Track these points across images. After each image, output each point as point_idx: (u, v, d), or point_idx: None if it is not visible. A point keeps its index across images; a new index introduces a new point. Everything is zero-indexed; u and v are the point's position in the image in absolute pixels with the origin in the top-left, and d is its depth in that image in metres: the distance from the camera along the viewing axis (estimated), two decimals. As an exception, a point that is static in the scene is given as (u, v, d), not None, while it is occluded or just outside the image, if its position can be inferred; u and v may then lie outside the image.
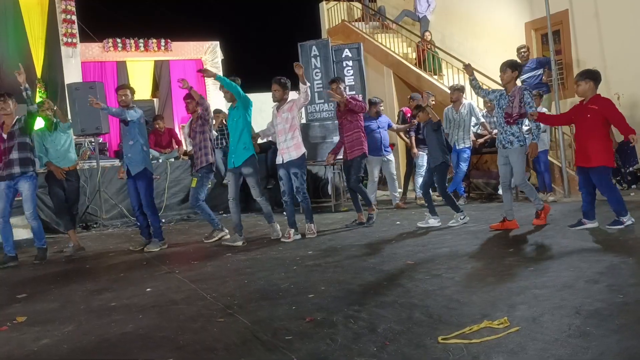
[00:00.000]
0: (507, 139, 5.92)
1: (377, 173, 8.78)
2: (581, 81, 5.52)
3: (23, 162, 6.00)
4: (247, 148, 6.31)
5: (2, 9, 11.65)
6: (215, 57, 13.84)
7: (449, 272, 4.32)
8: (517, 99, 5.81)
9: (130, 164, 6.38)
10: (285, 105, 6.35)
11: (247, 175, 6.35)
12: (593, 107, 5.44)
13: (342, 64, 9.60)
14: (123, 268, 5.58)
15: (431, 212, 6.61)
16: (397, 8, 13.22)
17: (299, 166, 6.33)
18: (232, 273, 4.92)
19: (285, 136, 6.31)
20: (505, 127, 5.92)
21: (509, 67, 5.91)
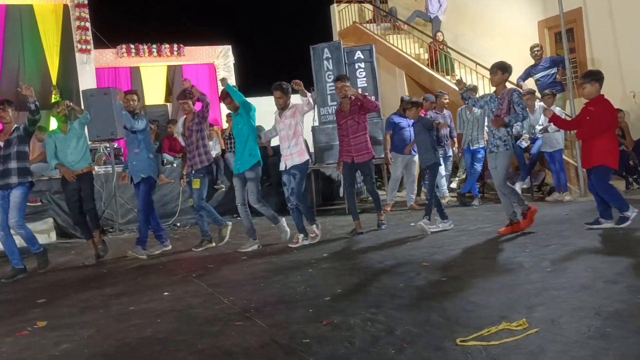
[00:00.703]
0: (495, 142, 5.80)
1: (400, 171, 8.70)
2: (586, 83, 5.48)
3: (21, 172, 5.77)
4: (253, 154, 6.29)
5: (18, 18, 11.82)
6: (228, 60, 13.92)
7: (465, 273, 4.31)
8: (507, 101, 5.69)
9: (134, 172, 6.42)
10: (288, 111, 6.29)
11: (248, 179, 6.31)
12: (591, 108, 5.41)
13: (354, 66, 9.60)
14: (140, 272, 5.63)
15: (441, 216, 6.50)
16: (408, 9, 13.20)
17: (300, 170, 6.24)
18: (249, 277, 4.95)
19: (289, 142, 6.25)
20: (494, 130, 5.79)
21: (499, 69, 5.79)
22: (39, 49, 11.94)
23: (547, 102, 7.98)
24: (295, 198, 6.25)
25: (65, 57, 12.04)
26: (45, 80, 11.95)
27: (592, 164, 5.46)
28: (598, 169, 5.44)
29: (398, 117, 8.49)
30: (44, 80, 11.94)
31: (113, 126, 8.59)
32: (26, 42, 11.86)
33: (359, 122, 6.60)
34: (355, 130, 6.61)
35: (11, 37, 11.76)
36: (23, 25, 11.85)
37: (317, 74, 9.52)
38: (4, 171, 5.74)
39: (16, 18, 11.80)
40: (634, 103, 8.69)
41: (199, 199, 6.57)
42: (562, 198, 7.80)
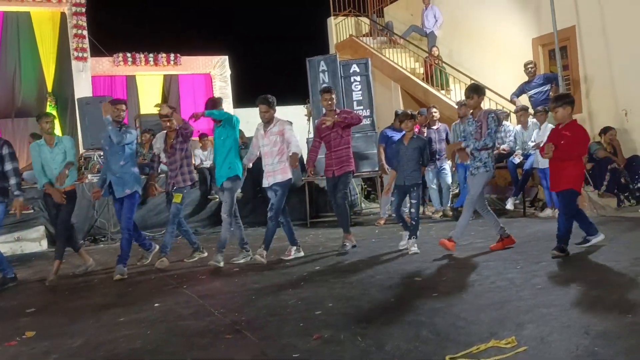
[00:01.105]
0: (475, 165, 5.79)
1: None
2: (558, 107, 5.46)
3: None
4: (232, 168, 6.17)
5: (15, 25, 11.84)
6: (224, 71, 13.97)
7: (456, 289, 4.32)
8: (485, 124, 5.68)
9: (119, 184, 5.97)
10: (274, 127, 6.09)
11: (225, 189, 6.21)
12: (566, 133, 5.42)
13: (350, 79, 9.66)
14: (131, 283, 5.60)
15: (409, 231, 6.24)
16: (404, 23, 13.31)
17: (282, 186, 6.08)
18: (240, 288, 4.94)
19: (273, 159, 6.08)
20: (475, 153, 5.76)
21: (474, 92, 5.80)
22: (35, 56, 11.95)
23: (540, 119, 8.06)
24: (273, 213, 6.08)
25: (62, 65, 12.05)
26: (40, 87, 11.96)
27: (562, 187, 5.43)
28: (567, 193, 5.44)
29: (391, 130, 8.54)
30: (39, 87, 11.95)
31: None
32: (23, 48, 11.87)
33: (343, 135, 6.46)
34: (337, 144, 6.45)
35: (8, 44, 11.78)
36: (20, 32, 11.87)
37: (313, 86, 9.56)
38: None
39: (13, 25, 11.82)
40: (625, 121, 8.76)
41: (177, 212, 6.32)
42: (554, 214, 7.82)
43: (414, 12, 13.37)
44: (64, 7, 11.87)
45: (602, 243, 5.54)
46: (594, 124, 9.26)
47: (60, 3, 11.82)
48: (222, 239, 6.18)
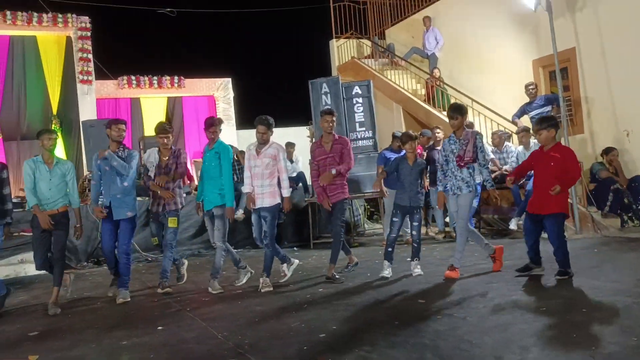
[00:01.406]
0: (457, 184, 5.80)
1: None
2: (542, 130, 5.48)
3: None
4: (222, 195, 6.05)
5: (21, 48, 11.99)
6: (227, 93, 14.09)
7: (460, 311, 4.30)
8: (471, 144, 5.75)
9: (119, 206, 5.80)
10: (268, 150, 5.97)
11: (217, 217, 6.04)
12: (556, 155, 5.42)
13: (352, 101, 9.72)
14: (133, 306, 5.58)
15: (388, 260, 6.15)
16: (406, 45, 13.45)
17: (270, 212, 5.93)
18: (243, 311, 4.92)
19: (262, 181, 5.94)
20: (456, 172, 5.80)
21: (458, 113, 5.83)
22: (41, 79, 12.09)
23: (542, 139, 8.08)
24: (268, 240, 5.95)
25: (67, 88, 12.18)
26: (46, 110, 12.07)
27: (552, 210, 5.36)
28: (557, 216, 5.40)
29: (390, 152, 8.59)
30: (44, 110, 12.06)
31: (112, 157, 8.65)
32: (28, 72, 12.01)
33: (339, 163, 6.23)
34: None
35: (14, 68, 11.92)
36: (26, 56, 12.02)
37: (316, 108, 9.62)
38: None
39: (19, 48, 11.97)
40: (627, 141, 8.79)
41: (174, 237, 6.25)
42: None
43: (415, 34, 13.52)
44: (70, 31, 12.04)
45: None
46: (596, 145, 9.29)
47: (66, 27, 11.98)
48: (217, 266, 6.04)
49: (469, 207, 5.90)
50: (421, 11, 13.27)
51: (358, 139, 9.62)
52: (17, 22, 11.53)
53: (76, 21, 12.01)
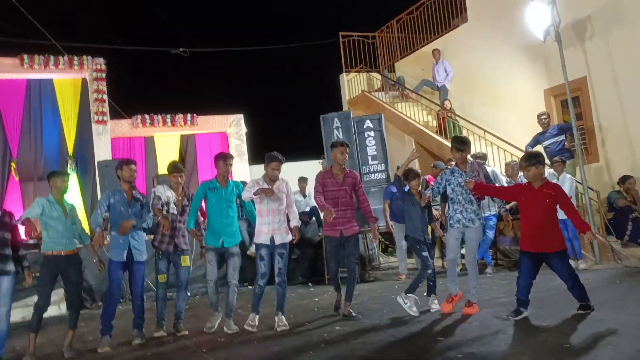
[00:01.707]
0: (469, 217, 5.78)
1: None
2: (531, 166, 5.38)
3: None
4: (238, 234, 6.17)
5: (38, 91, 12.23)
6: (240, 129, 14.22)
7: (482, 349, 4.21)
8: (481, 174, 5.79)
9: (137, 247, 5.79)
10: (281, 184, 5.98)
11: (235, 254, 6.06)
12: (549, 192, 5.34)
13: (364, 135, 9.77)
14: (150, 346, 5.52)
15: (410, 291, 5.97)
16: (415, 78, 13.56)
17: (286, 248, 5.93)
18: (260, 351, 4.86)
19: (279, 217, 5.91)
20: (467, 205, 5.78)
21: (466, 145, 5.89)
22: (57, 120, 12.29)
23: (557, 169, 8.03)
24: (282, 277, 5.90)
25: (82, 128, 12.36)
26: (62, 150, 12.24)
27: (558, 248, 5.27)
28: (563, 253, 5.31)
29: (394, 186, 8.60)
30: (61, 151, 12.23)
31: (127, 196, 8.71)
32: (45, 114, 12.22)
33: (352, 195, 6.24)
34: (346, 203, 6.14)
35: (31, 110, 12.15)
36: (43, 98, 12.25)
37: (328, 142, 9.64)
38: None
39: (36, 91, 12.22)
40: (643, 168, 8.70)
41: (187, 276, 6.22)
42: (577, 266, 7.67)
43: (424, 66, 13.63)
44: (85, 73, 12.29)
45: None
46: (612, 173, 9.21)
47: (81, 70, 12.24)
48: (231, 304, 5.99)
49: (478, 240, 5.93)
50: (430, 44, 13.41)
51: (371, 172, 9.63)
52: (34, 66, 11.80)
53: (91, 63, 12.27)
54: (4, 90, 11.95)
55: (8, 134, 11.87)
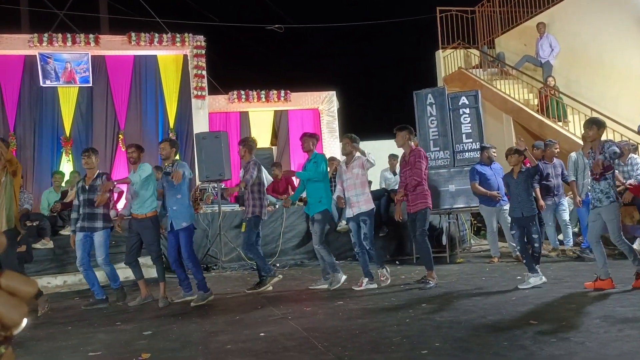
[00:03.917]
0: (597, 197, 5.67)
1: (495, 223, 8.45)
2: None
3: (106, 217, 6.35)
4: (322, 202, 6.67)
5: (143, 67, 12.94)
6: (332, 106, 14.26)
7: (578, 335, 3.95)
8: (598, 154, 5.61)
9: (176, 218, 6.27)
10: (355, 162, 6.57)
11: (316, 221, 6.70)
12: None
13: (458, 112, 9.42)
14: (239, 310, 5.74)
15: (530, 269, 6.02)
16: (517, 54, 12.88)
17: (369, 216, 6.51)
18: (344, 322, 4.87)
19: (356, 191, 6.52)
20: (594, 185, 5.70)
21: (595, 124, 5.70)
22: (160, 95, 12.97)
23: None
24: (368, 243, 6.49)
25: (182, 103, 12.96)
26: (164, 123, 12.91)
27: None
28: None
29: (481, 166, 8.24)
30: (163, 124, 12.90)
31: (222, 167, 9.03)
32: (149, 89, 12.93)
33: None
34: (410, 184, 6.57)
35: (137, 85, 12.90)
36: (147, 74, 12.96)
37: (420, 119, 9.45)
38: (91, 215, 6.27)
39: (142, 67, 12.95)
40: None
41: (246, 242, 6.78)
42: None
43: (527, 42, 12.91)
44: (187, 50, 12.83)
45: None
46: None
47: (183, 47, 12.79)
48: (330, 262, 6.69)
49: (616, 219, 5.64)
50: (534, 17, 12.65)
51: (465, 150, 9.29)
52: (141, 43, 12.47)
53: (192, 40, 12.77)
54: (113, 66, 12.76)
55: (117, 107, 12.68)
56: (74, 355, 4.31)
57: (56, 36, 12.12)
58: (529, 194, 6.25)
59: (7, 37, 12.09)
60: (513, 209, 6.30)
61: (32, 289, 0.66)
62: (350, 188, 6.55)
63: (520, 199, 6.20)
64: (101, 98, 12.64)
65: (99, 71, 12.63)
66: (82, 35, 12.29)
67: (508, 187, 6.47)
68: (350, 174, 6.55)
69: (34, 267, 8.16)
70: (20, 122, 12.20)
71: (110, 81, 12.72)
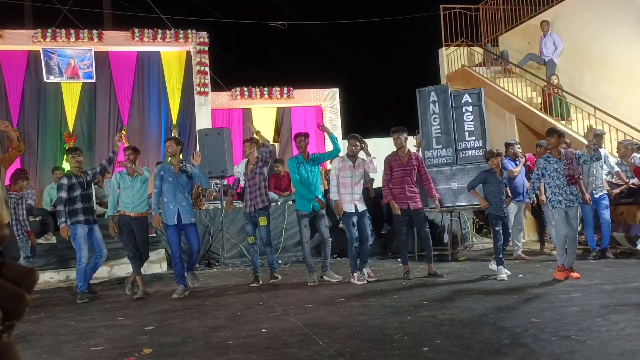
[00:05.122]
0: (569, 198, 6.30)
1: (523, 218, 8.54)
2: None
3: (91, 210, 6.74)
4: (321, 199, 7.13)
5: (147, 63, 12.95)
6: (334, 103, 14.25)
7: (579, 334, 3.95)
8: (574, 161, 6.33)
9: (185, 212, 6.65)
10: (360, 162, 7.03)
11: (324, 216, 7.15)
12: None
13: (461, 109, 9.39)
14: (240, 306, 5.75)
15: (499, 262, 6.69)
16: (520, 52, 12.84)
17: (367, 212, 7.03)
18: (345, 319, 4.88)
19: (357, 189, 6.97)
20: (566, 188, 6.30)
21: (556, 133, 6.40)
22: (163, 91, 12.98)
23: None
24: (372, 235, 7.15)
25: (186, 99, 12.98)
26: (167, 119, 12.92)
27: None
28: None
29: (507, 161, 8.21)
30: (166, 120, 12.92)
31: (224, 164, 9.04)
32: (152, 84, 12.94)
33: (415, 175, 7.20)
34: (410, 182, 7.12)
35: (141, 80, 12.90)
36: (151, 70, 12.97)
37: (423, 117, 9.43)
38: (91, 209, 6.72)
39: (145, 63, 12.95)
40: None
41: (268, 235, 7.13)
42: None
43: (531, 40, 12.87)
44: (190, 46, 12.84)
45: None
46: None
47: (186, 43, 12.79)
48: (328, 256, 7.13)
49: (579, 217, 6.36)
50: (538, 15, 12.61)
51: (467, 148, 9.27)
52: (144, 39, 12.48)
53: (195, 36, 12.77)
54: (117, 62, 12.76)
55: (120, 102, 12.70)
56: (76, 350, 4.33)
57: (60, 32, 12.13)
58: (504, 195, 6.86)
59: (10, 32, 12.11)
60: (497, 207, 6.75)
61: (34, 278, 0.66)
62: (355, 185, 6.93)
63: (501, 198, 6.76)
64: (104, 94, 12.66)
65: (102, 67, 12.65)
66: (85, 31, 12.30)
67: (483, 183, 6.87)
68: (358, 172, 6.95)
69: (37, 262, 8.18)
70: (23, 117, 12.23)
71: (113, 77, 12.74)
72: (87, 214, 6.62)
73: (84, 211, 6.58)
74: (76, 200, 6.57)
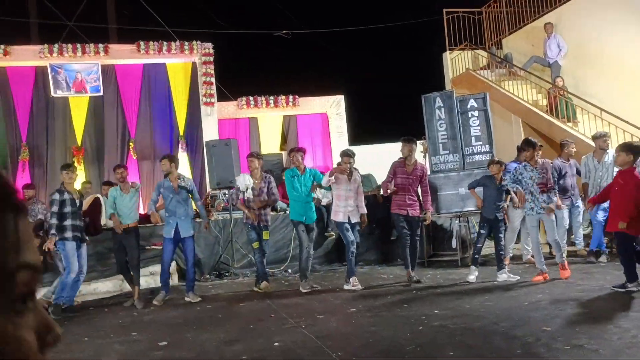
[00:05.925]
0: (539, 205, 6.67)
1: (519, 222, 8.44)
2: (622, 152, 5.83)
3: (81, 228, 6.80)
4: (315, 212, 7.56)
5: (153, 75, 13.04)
6: (340, 110, 14.28)
7: (592, 342, 3.96)
8: (549, 172, 6.78)
9: (184, 226, 6.99)
10: (356, 175, 7.35)
11: (313, 229, 7.52)
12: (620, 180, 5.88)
13: (467, 115, 9.42)
14: (253, 319, 5.78)
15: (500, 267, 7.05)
16: (524, 54, 12.84)
17: (358, 224, 7.25)
18: (357, 330, 4.91)
19: (354, 202, 7.20)
20: (538, 196, 6.67)
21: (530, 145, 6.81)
22: (169, 103, 13.06)
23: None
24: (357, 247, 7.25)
25: (192, 110, 13.04)
26: (173, 131, 13.00)
27: None
28: None
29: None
30: (173, 132, 13.00)
31: (232, 174, 9.09)
32: (159, 97, 13.03)
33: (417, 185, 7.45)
34: (412, 190, 7.39)
35: (147, 93, 13.00)
36: (157, 82, 13.06)
37: (429, 123, 9.47)
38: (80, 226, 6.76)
39: (151, 75, 13.04)
40: None
41: (267, 248, 7.64)
42: None
43: (535, 42, 12.87)
44: (195, 57, 12.91)
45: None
46: None
47: (192, 54, 12.87)
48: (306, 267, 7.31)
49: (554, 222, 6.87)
50: (542, 17, 12.61)
51: (474, 153, 9.29)
52: (150, 52, 12.57)
53: (200, 47, 12.85)
54: (123, 75, 12.86)
55: (127, 115, 12.79)
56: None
57: (66, 46, 12.24)
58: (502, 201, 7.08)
59: (17, 48, 12.23)
60: (489, 210, 7.02)
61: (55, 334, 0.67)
62: (350, 197, 7.19)
63: (498, 204, 7.00)
64: (112, 107, 12.75)
65: (109, 80, 12.75)
66: (91, 45, 12.40)
67: (484, 188, 7.12)
68: (352, 186, 7.21)
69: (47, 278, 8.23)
70: (32, 132, 12.34)
71: (120, 90, 12.83)
72: (76, 231, 6.62)
73: (73, 228, 6.57)
74: (66, 217, 6.54)
